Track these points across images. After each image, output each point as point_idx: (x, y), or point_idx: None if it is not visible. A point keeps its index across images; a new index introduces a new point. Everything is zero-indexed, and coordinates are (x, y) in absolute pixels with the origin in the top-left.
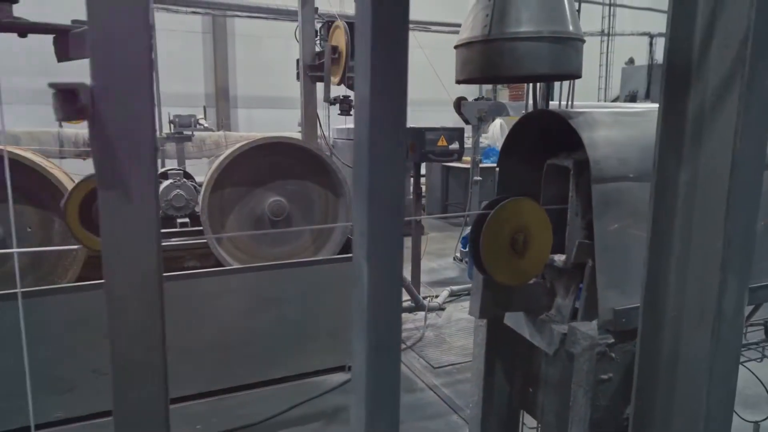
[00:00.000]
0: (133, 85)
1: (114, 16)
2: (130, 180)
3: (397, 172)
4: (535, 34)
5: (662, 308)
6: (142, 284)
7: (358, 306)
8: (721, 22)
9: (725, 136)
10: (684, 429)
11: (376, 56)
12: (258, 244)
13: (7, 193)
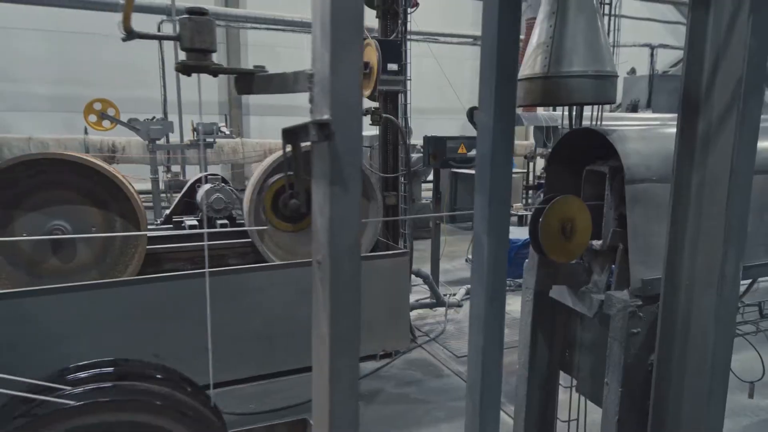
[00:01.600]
0: (353, 118)
1: (343, 71)
2: (348, 178)
3: (506, 174)
4: (582, 73)
5: (679, 277)
6: (348, 256)
7: (479, 265)
8: (723, 66)
9: (726, 149)
10: (696, 367)
11: (498, 94)
12: (296, 242)
13: (74, 196)
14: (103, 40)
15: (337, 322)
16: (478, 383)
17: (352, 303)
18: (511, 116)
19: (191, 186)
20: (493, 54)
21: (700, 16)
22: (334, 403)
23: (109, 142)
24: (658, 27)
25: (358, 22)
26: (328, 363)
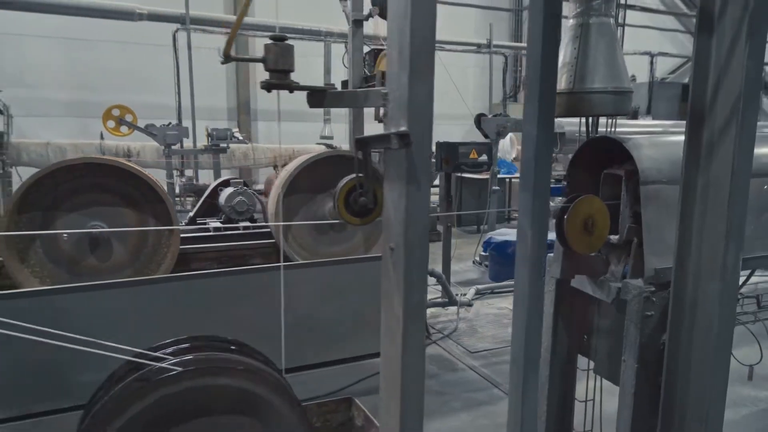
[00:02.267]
0: (425, 129)
1: (419, 91)
2: (420, 178)
3: (546, 175)
4: (602, 89)
5: (687, 266)
6: (419, 243)
7: (523, 251)
8: (724, 84)
9: (727, 155)
10: (702, 344)
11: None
12: (318, 243)
13: (110, 198)
14: (116, 47)
15: (410, 296)
16: (522, 355)
17: (421, 281)
18: (550, 126)
19: (214, 189)
20: (537, 74)
21: (704, 40)
22: (405, 363)
23: (124, 147)
24: (656, 35)
25: (430, 52)
26: (402, 329)
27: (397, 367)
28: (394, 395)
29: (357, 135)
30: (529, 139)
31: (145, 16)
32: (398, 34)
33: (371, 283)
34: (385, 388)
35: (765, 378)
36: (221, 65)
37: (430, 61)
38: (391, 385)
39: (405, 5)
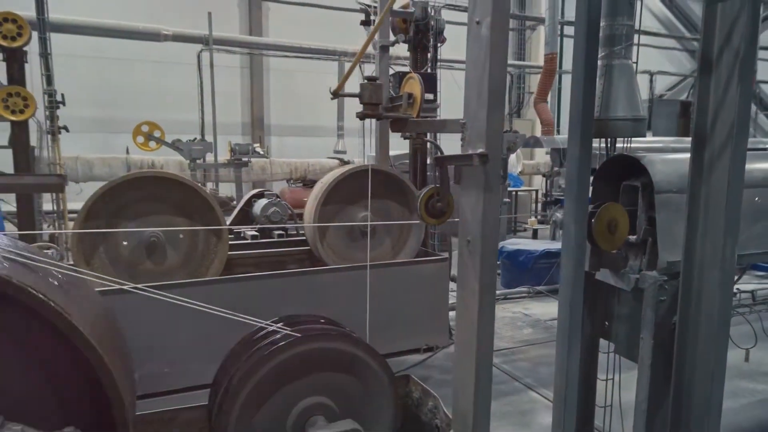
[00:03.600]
0: (497, 150)
1: (493, 122)
2: (493, 187)
3: (586, 184)
4: (623, 117)
5: (693, 259)
6: (491, 236)
7: (569, 248)
8: (721, 115)
9: (723, 171)
10: (706, 322)
11: (582, 130)
12: (350, 249)
13: (165, 208)
14: (139, 65)
15: (484, 276)
16: (567, 328)
17: (492, 266)
18: (589, 145)
19: (248, 200)
20: (578, 108)
21: (705, 80)
22: (480, 328)
23: (149, 161)
24: (655, 53)
25: (501, 93)
26: (477, 301)
27: (473, 332)
28: (470, 353)
29: (383, 148)
30: (572, 158)
31: (170, 36)
32: (477, 81)
33: (399, 286)
34: (459, 358)
35: (762, 373)
36: (236, 82)
37: (501, 100)
38: (465, 353)
39: (484, 59)
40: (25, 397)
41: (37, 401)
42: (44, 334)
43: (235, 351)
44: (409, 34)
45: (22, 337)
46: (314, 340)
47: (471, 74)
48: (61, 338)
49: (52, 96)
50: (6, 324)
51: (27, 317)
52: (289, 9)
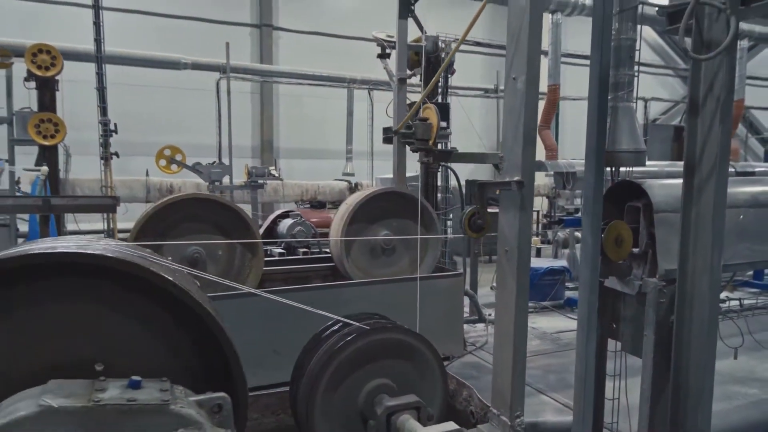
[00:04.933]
0: (530, 178)
1: (527, 155)
2: (526, 207)
3: (599, 204)
4: (627, 150)
5: (686, 267)
6: (525, 247)
7: (586, 256)
8: (707, 149)
9: (710, 194)
10: (699, 320)
11: (597, 160)
12: (372, 265)
13: (206, 227)
14: (155, 91)
15: (520, 279)
16: (585, 323)
17: (526, 270)
18: (602, 173)
19: (273, 220)
20: (593, 142)
21: (693, 120)
22: (517, 319)
23: (168, 183)
24: (650, 78)
25: (533, 131)
26: (514, 300)
27: (509, 328)
28: (507, 347)
29: (400, 172)
30: (588, 184)
31: (190, 65)
32: (514, 124)
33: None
34: (498, 345)
35: (753, 378)
36: (247, 107)
37: (533, 139)
38: (504, 339)
39: (519, 108)
40: (156, 366)
41: (166, 369)
42: (168, 312)
43: (308, 347)
44: (421, 66)
45: (150, 314)
46: (380, 332)
47: (507, 118)
48: (183, 315)
49: (107, 125)
50: (136, 304)
51: (153, 297)
52: (298, 37)
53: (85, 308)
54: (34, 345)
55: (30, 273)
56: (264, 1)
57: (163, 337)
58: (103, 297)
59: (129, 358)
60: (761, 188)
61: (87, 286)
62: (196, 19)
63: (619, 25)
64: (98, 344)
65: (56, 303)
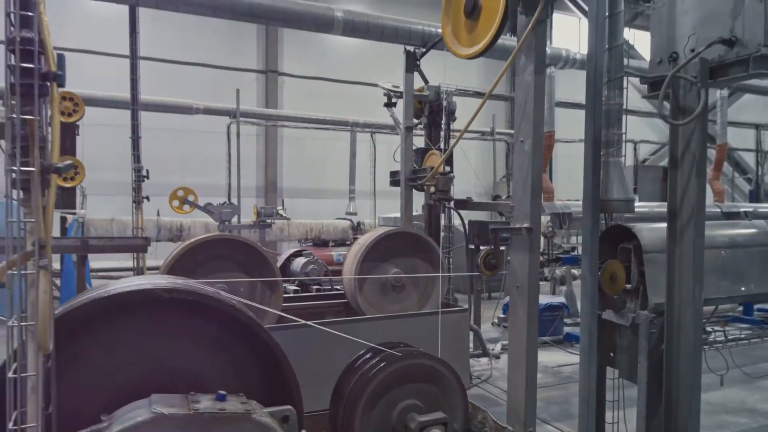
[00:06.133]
0: (537, 225)
1: (534, 206)
2: (534, 249)
3: (596, 246)
4: (618, 198)
5: (673, 301)
6: (533, 284)
7: (585, 290)
8: (686, 199)
9: (690, 237)
10: (686, 347)
11: (593, 207)
12: (382, 301)
13: (230, 265)
14: (165, 134)
15: (531, 310)
16: (587, 350)
17: (535, 303)
18: (598, 219)
19: (287, 258)
20: (589, 191)
21: (674, 174)
22: (528, 345)
23: (178, 223)
24: (637, 120)
25: (539, 185)
26: (526, 329)
27: (522, 351)
28: (520, 370)
29: (407, 213)
30: (586, 228)
31: (202, 110)
32: (522, 179)
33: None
34: (512, 367)
35: (744, 409)
36: (252, 148)
37: (539, 191)
38: (518, 363)
39: (527, 166)
40: (220, 381)
41: (228, 384)
42: (234, 336)
43: (346, 372)
44: (424, 114)
45: (217, 337)
46: (409, 358)
47: (517, 174)
48: (246, 338)
49: (140, 171)
50: (207, 329)
51: (221, 322)
52: (302, 81)
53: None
54: (137, 363)
55: (131, 306)
56: (270, 48)
57: (232, 360)
58: (188, 327)
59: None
60: (738, 231)
61: (177, 316)
62: (205, 65)
63: (608, 92)
64: (182, 365)
65: (153, 330)
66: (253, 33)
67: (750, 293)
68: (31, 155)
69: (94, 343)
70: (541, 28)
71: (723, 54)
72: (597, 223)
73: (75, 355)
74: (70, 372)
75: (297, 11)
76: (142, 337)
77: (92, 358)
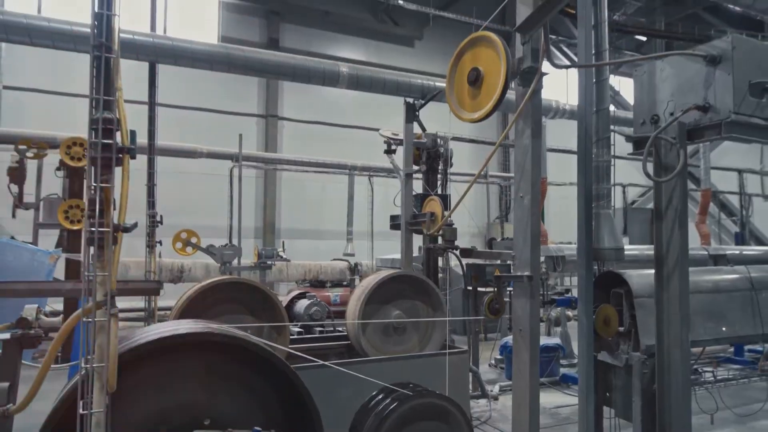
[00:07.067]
0: (536, 272)
1: (534, 257)
2: (534, 294)
3: (590, 293)
4: (609, 248)
5: (662, 343)
6: (534, 327)
7: (582, 334)
8: (671, 247)
9: (676, 283)
10: (676, 385)
11: (587, 258)
12: (385, 343)
13: (237, 307)
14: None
15: (533, 351)
16: (585, 389)
17: (536, 346)
18: (591, 267)
19: (290, 300)
20: (583, 240)
21: (659, 225)
22: (531, 383)
23: (179, 264)
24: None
25: (538, 237)
26: (528, 369)
27: (525, 390)
28: (524, 406)
29: (408, 256)
30: (581, 276)
31: (205, 154)
32: (522, 231)
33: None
34: (516, 408)
35: None
36: (251, 190)
37: (538, 242)
38: (522, 401)
39: (526, 219)
40: (245, 416)
41: (253, 419)
42: (256, 372)
43: (362, 409)
44: (422, 160)
45: (241, 374)
46: (421, 397)
47: (517, 226)
48: (268, 374)
49: (154, 217)
50: (233, 367)
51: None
52: (300, 125)
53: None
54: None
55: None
56: (270, 94)
57: (257, 397)
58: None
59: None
60: (721, 276)
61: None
62: (208, 110)
63: (597, 149)
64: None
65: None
66: (255, 79)
67: (735, 335)
68: (106, 218)
69: (136, 382)
70: (536, 98)
71: (698, 118)
72: (591, 271)
73: (119, 393)
74: (115, 408)
75: (306, 67)
76: (177, 376)
77: (134, 396)
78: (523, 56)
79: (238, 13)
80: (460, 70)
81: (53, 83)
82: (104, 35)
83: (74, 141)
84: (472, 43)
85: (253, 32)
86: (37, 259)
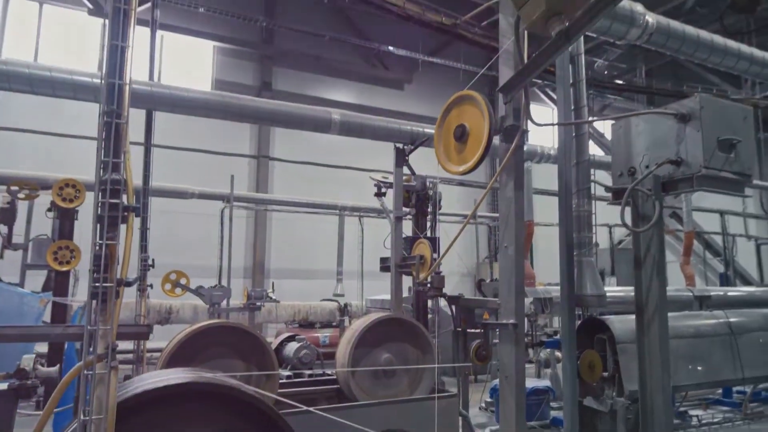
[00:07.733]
0: (522, 320)
1: (519, 305)
2: (519, 342)
3: (573, 338)
4: (592, 294)
5: (645, 388)
6: (519, 373)
7: (566, 378)
8: (650, 294)
9: (655, 329)
10: (658, 428)
11: (570, 305)
12: (374, 387)
13: (227, 351)
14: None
15: (519, 398)
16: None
17: (522, 391)
18: (574, 314)
19: (280, 342)
20: (565, 289)
21: (638, 273)
22: (518, 426)
23: (167, 305)
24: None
25: (522, 286)
26: (515, 414)
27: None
28: None
29: (397, 299)
30: (563, 323)
31: (197, 194)
32: (507, 280)
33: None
34: None
35: None
36: (241, 230)
37: (522, 291)
38: None
39: (510, 268)
40: None
41: None
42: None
43: None
44: (412, 202)
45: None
46: None
47: (503, 275)
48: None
49: (146, 261)
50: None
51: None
52: (291, 166)
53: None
54: None
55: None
56: (262, 135)
57: None
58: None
59: None
60: (701, 322)
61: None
62: (200, 150)
63: (577, 200)
64: None
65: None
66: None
67: (717, 379)
68: (111, 273)
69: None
70: (518, 153)
71: (672, 172)
72: (573, 318)
73: None
74: None
75: (299, 114)
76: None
77: None
78: (506, 114)
79: (232, 58)
80: (447, 125)
81: (46, 124)
82: (115, 103)
83: (66, 182)
84: (458, 101)
85: (246, 75)
86: (27, 303)
